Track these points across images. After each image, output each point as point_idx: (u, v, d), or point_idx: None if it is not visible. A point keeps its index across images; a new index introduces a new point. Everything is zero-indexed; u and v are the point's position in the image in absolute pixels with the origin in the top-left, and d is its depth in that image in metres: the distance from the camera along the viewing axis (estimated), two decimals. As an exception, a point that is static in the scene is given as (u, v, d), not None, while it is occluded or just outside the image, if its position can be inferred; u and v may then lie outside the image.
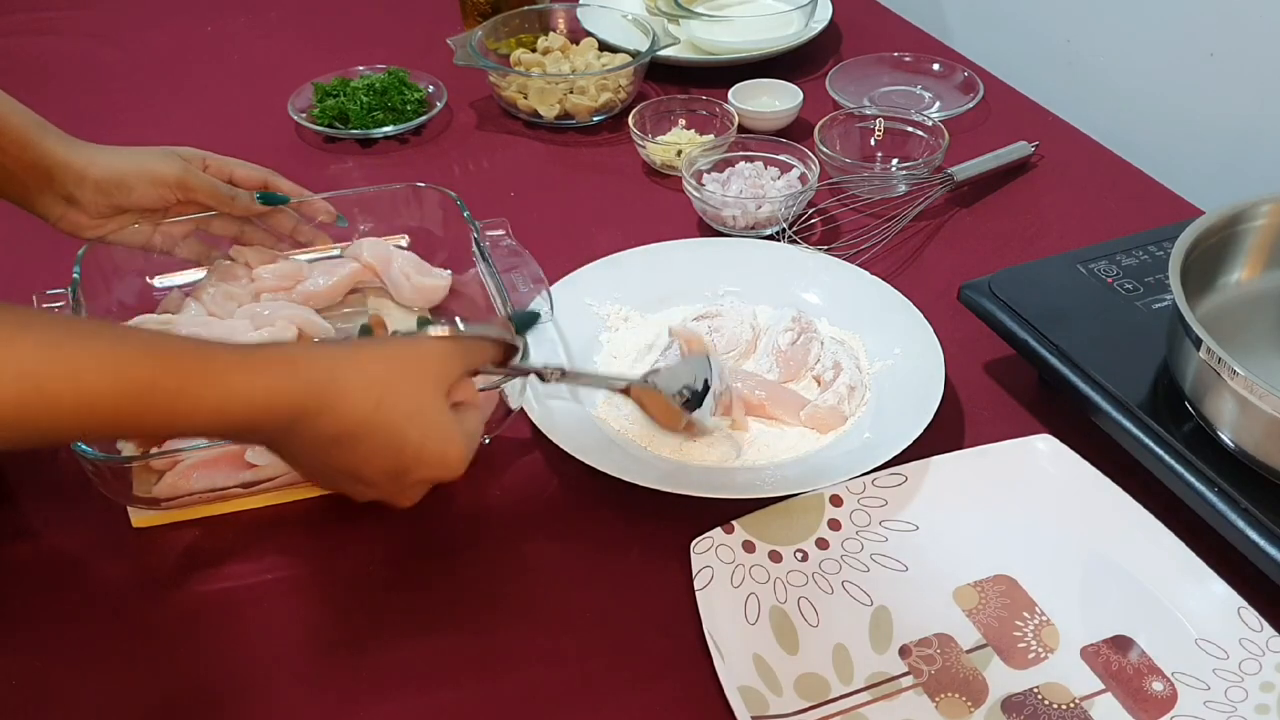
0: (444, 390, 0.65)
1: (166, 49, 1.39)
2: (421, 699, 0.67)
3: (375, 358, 0.63)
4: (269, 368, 0.59)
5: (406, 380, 0.63)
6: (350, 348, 0.65)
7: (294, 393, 0.59)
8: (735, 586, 0.71)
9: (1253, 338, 0.79)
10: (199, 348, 0.59)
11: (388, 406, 0.62)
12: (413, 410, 0.63)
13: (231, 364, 0.58)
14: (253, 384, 0.58)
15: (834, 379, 0.85)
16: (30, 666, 0.69)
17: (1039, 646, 0.69)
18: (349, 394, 0.61)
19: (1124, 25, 1.22)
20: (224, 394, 0.58)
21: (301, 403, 0.60)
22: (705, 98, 1.18)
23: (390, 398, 0.62)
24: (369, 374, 0.62)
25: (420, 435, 0.63)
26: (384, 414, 0.62)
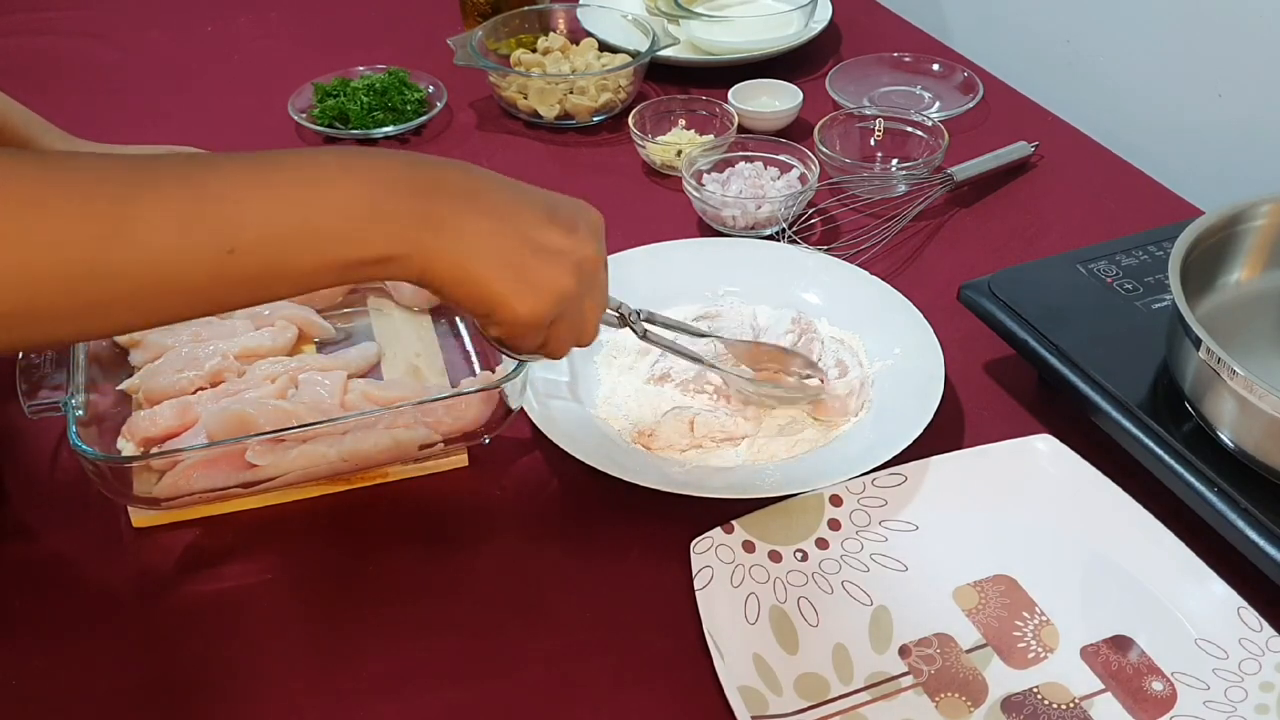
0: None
1: (166, 49, 1.39)
2: (421, 699, 0.67)
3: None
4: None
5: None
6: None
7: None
8: (735, 586, 0.71)
9: (1253, 338, 0.79)
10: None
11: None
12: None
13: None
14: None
15: (836, 378, 0.85)
16: (30, 666, 0.69)
17: (1039, 646, 0.69)
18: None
19: (1124, 26, 1.22)
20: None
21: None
22: (705, 98, 1.18)
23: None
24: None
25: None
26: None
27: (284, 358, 0.84)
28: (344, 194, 0.56)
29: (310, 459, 0.75)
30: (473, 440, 0.79)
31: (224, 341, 0.84)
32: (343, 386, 0.81)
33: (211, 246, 0.53)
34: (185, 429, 0.78)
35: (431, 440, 0.77)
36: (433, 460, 0.80)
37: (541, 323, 0.62)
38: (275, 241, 0.54)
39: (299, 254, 0.55)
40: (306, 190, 0.56)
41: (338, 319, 0.91)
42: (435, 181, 0.59)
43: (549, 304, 0.61)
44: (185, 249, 0.52)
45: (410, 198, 0.57)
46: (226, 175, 0.55)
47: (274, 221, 0.54)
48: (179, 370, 0.81)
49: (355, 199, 0.56)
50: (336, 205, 0.56)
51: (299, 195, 0.56)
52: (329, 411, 0.77)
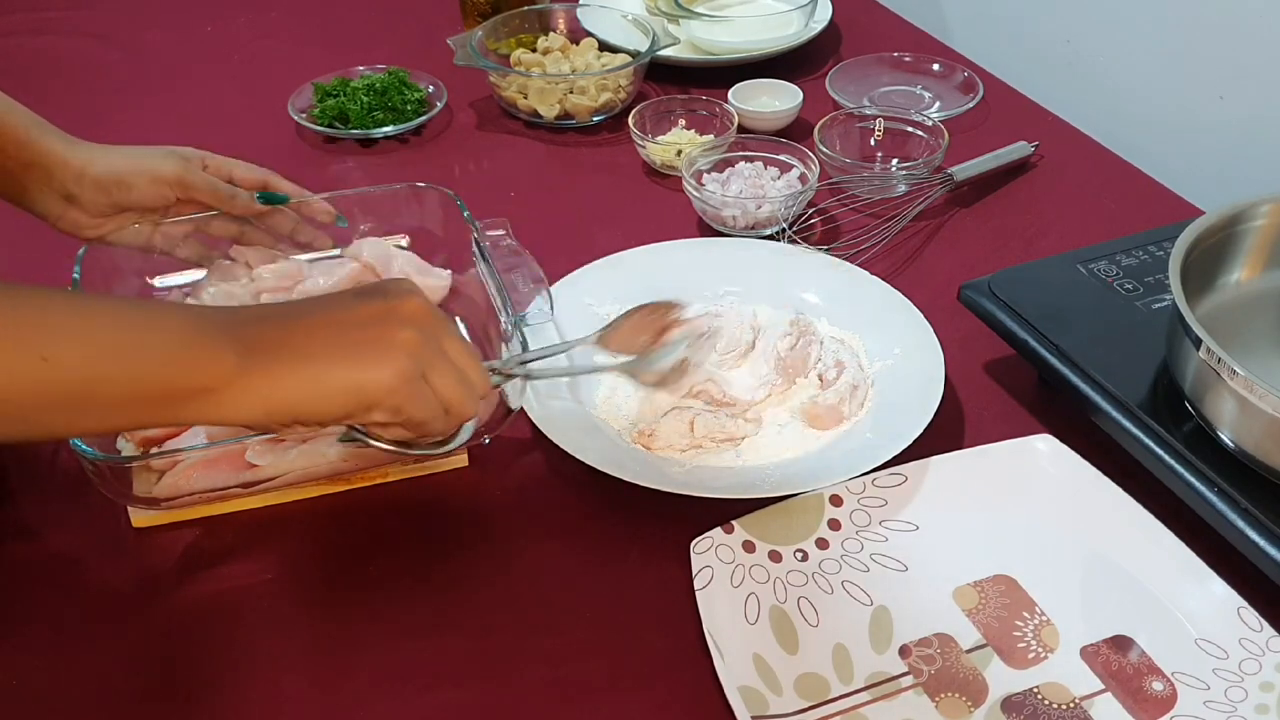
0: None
1: (166, 49, 1.39)
2: (421, 699, 0.67)
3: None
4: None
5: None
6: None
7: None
8: (735, 586, 0.71)
9: (1253, 338, 0.79)
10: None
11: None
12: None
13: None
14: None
15: (837, 377, 0.85)
16: (30, 666, 0.69)
17: (1039, 646, 0.69)
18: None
19: (1124, 25, 1.22)
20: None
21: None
22: (705, 98, 1.18)
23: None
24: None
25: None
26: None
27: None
28: (167, 324, 0.56)
29: (310, 459, 0.75)
30: (473, 440, 0.79)
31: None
32: (343, 386, 0.81)
33: (21, 354, 0.52)
34: (185, 429, 0.78)
35: (431, 440, 0.77)
36: (432, 461, 0.80)
37: (411, 377, 0.60)
38: (90, 358, 0.54)
39: (117, 377, 0.54)
40: (129, 315, 0.56)
41: (338, 319, 0.91)
42: (256, 313, 0.60)
43: (403, 356, 0.60)
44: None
45: (233, 328, 0.57)
46: (43, 294, 0.55)
47: (91, 338, 0.54)
48: (179, 370, 0.81)
49: (181, 328, 0.56)
50: (159, 332, 0.56)
51: (120, 320, 0.56)
52: (329, 411, 0.77)
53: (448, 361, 0.62)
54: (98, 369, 0.54)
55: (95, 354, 0.54)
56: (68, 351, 0.53)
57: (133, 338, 0.55)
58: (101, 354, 0.54)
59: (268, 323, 0.59)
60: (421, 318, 0.62)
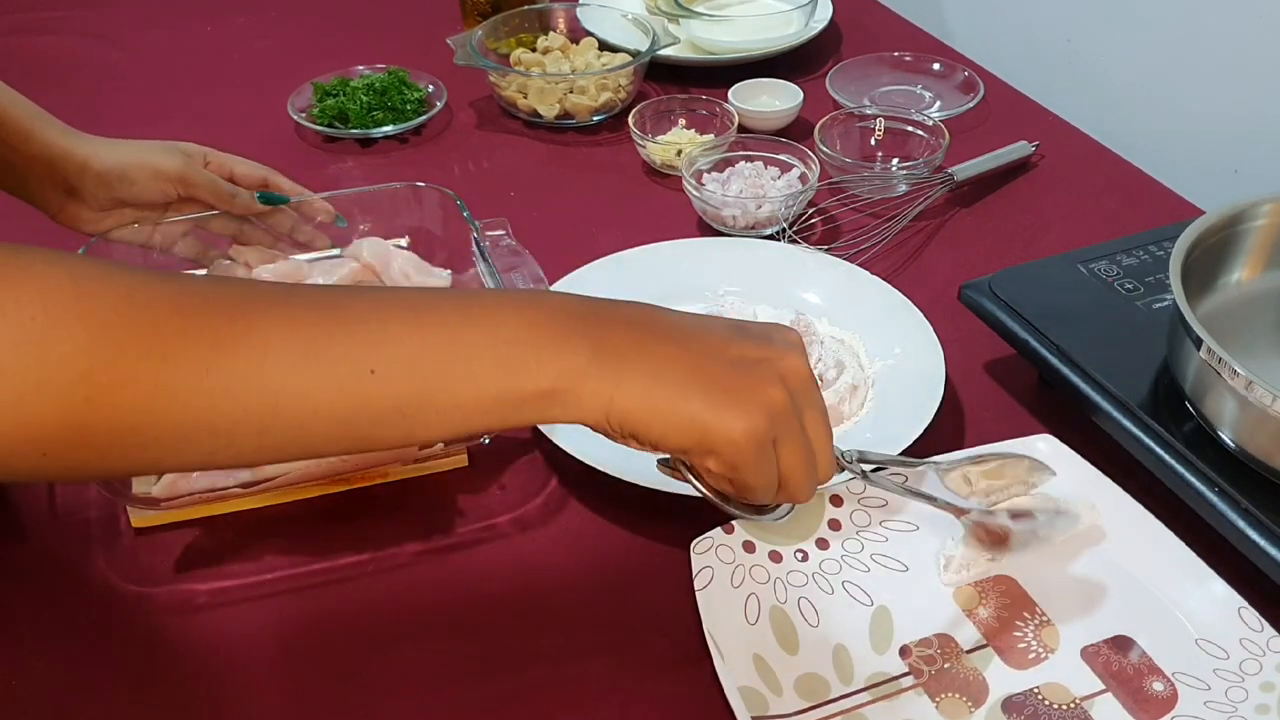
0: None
1: (166, 49, 1.39)
2: (421, 699, 0.67)
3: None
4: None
5: None
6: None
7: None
8: (735, 586, 0.71)
9: (1253, 338, 0.79)
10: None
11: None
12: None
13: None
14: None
15: (836, 378, 0.85)
16: (29, 666, 0.69)
17: (1039, 646, 0.69)
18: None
19: (1124, 25, 1.22)
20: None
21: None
22: (705, 98, 1.18)
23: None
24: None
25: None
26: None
27: (284, 358, 0.84)
28: (504, 319, 0.51)
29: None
30: (473, 440, 0.79)
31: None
32: (343, 386, 0.81)
33: (348, 366, 0.49)
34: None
35: (432, 440, 0.77)
36: (433, 460, 0.80)
37: (762, 440, 0.54)
38: (423, 365, 0.50)
39: (452, 382, 0.50)
40: (460, 313, 0.52)
41: (338, 319, 0.91)
42: (607, 311, 0.54)
43: (762, 415, 0.53)
44: (316, 371, 0.49)
45: (582, 325, 0.52)
46: (364, 299, 0.52)
47: (422, 344, 0.50)
48: (179, 370, 0.81)
49: (518, 324, 0.51)
50: (495, 330, 0.51)
51: (450, 317, 0.51)
52: (329, 411, 0.77)
53: (804, 438, 0.56)
54: (431, 382, 0.50)
55: (427, 367, 0.50)
56: (397, 366, 0.50)
57: (468, 341, 0.51)
58: (435, 367, 0.50)
59: (624, 326, 0.54)
60: (795, 380, 0.56)
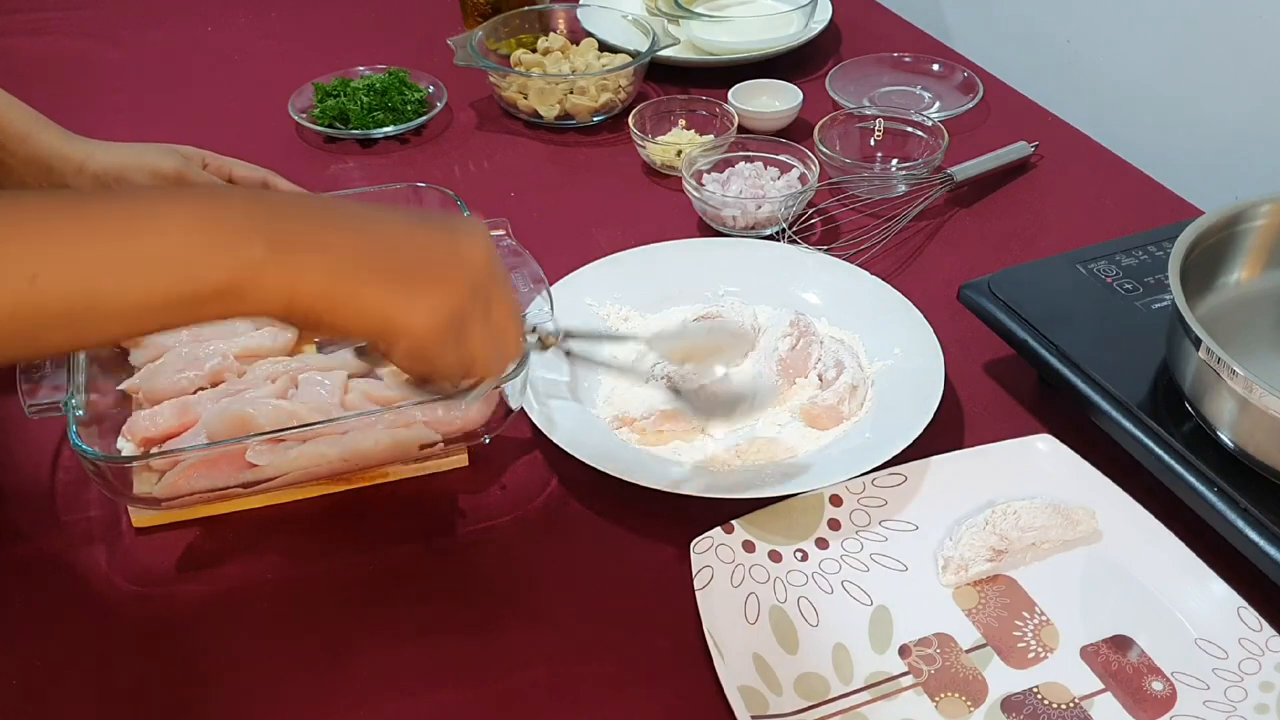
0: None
1: (166, 49, 1.39)
2: (421, 699, 0.67)
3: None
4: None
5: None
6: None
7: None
8: (735, 586, 0.71)
9: (1253, 338, 0.79)
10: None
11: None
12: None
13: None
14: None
15: (836, 378, 0.85)
16: (30, 666, 0.69)
17: (1039, 646, 0.69)
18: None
19: (1124, 25, 1.22)
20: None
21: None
22: (705, 98, 1.18)
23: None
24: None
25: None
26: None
27: (284, 358, 0.84)
28: (174, 218, 0.49)
29: (310, 459, 0.75)
30: (473, 440, 0.79)
31: (224, 341, 0.84)
32: (343, 386, 0.81)
33: (12, 275, 0.46)
34: (185, 429, 0.78)
35: (431, 440, 0.77)
36: (433, 460, 0.80)
37: (444, 329, 0.54)
38: (88, 268, 0.48)
39: (120, 285, 0.48)
40: (127, 214, 0.49)
41: (338, 319, 0.91)
42: (282, 204, 0.53)
43: (444, 304, 0.54)
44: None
45: (256, 218, 0.51)
46: (31, 200, 0.50)
47: (86, 247, 0.48)
48: (179, 370, 0.81)
49: (189, 220, 0.49)
50: (165, 227, 0.49)
51: (118, 220, 0.49)
52: (329, 411, 0.77)
53: (490, 322, 0.57)
54: (96, 283, 0.48)
55: (92, 269, 0.48)
56: (59, 270, 0.47)
57: (137, 240, 0.49)
58: (101, 268, 0.48)
59: (301, 218, 0.53)
60: (481, 266, 0.56)
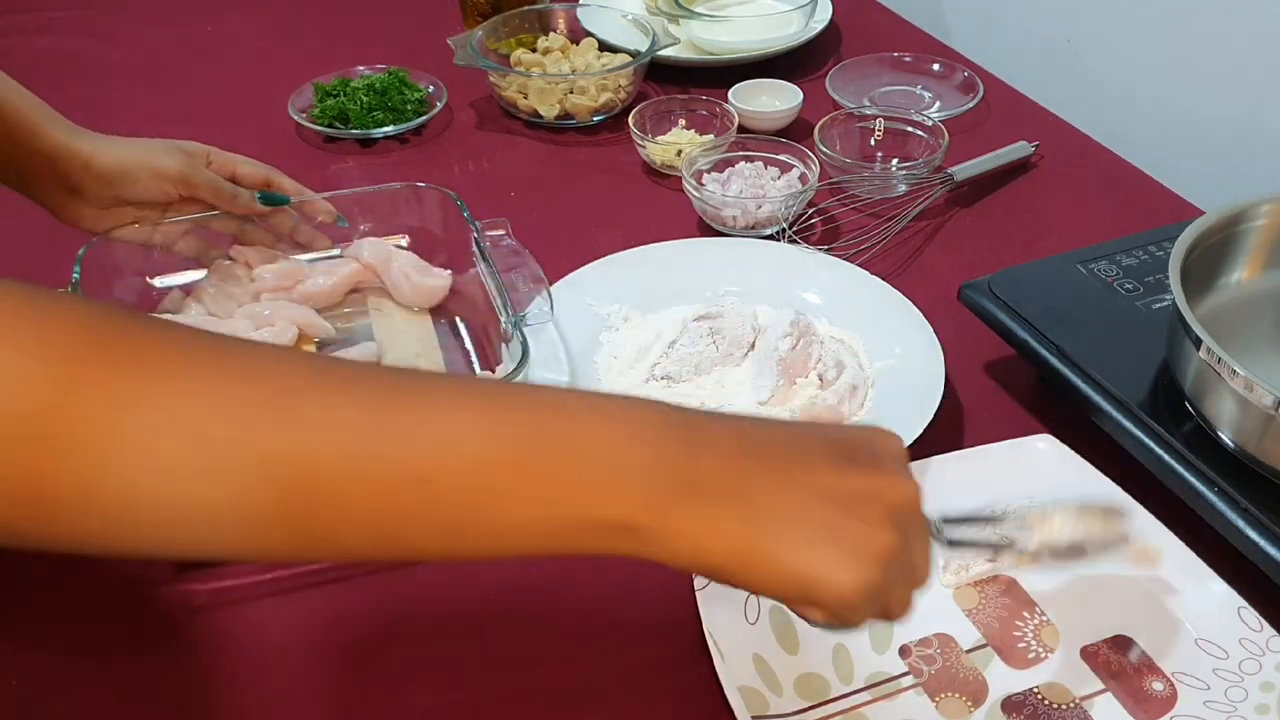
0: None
1: (166, 49, 1.39)
2: (422, 699, 0.67)
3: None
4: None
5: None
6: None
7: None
8: (735, 586, 0.70)
9: (1253, 338, 0.79)
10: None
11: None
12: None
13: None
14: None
15: (836, 378, 0.85)
16: (30, 665, 0.69)
17: (1039, 646, 0.69)
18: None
19: (1124, 25, 1.22)
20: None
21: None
22: (705, 98, 1.18)
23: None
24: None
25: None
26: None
27: (284, 358, 0.84)
28: (586, 434, 0.44)
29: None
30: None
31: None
32: (343, 386, 0.81)
33: (400, 468, 0.42)
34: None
35: (432, 440, 0.77)
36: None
37: (874, 595, 0.48)
38: (483, 480, 0.42)
39: (512, 502, 0.43)
40: (534, 420, 0.44)
41: (338, 319, 0.91)
42: (704, 432, 0.46)
43: (877, 569, 0.47)
44: (360, 468, 0.42)
45: (675, 450, 0.45)
46: (428, 384, 0.45)
47: (487, 455, 0.43)
48: (179, 370, 0.81)
49: (600, 442, 0.44)
50: (573, 446, 0.44)
51: (524, 425, 0.44)
52: (329, 411, 0.77)
53: (913, 574, 0.50)
54: (488, 498, 0.43)
55: (488, 480, 0.43)
56: (455, 476, 0.42)
57: (539, 456, 0.43)
58: (497, 479, 0.43)
59: (722, 453, 0.47)
60: (908, 511, 0.50)
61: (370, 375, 0.45)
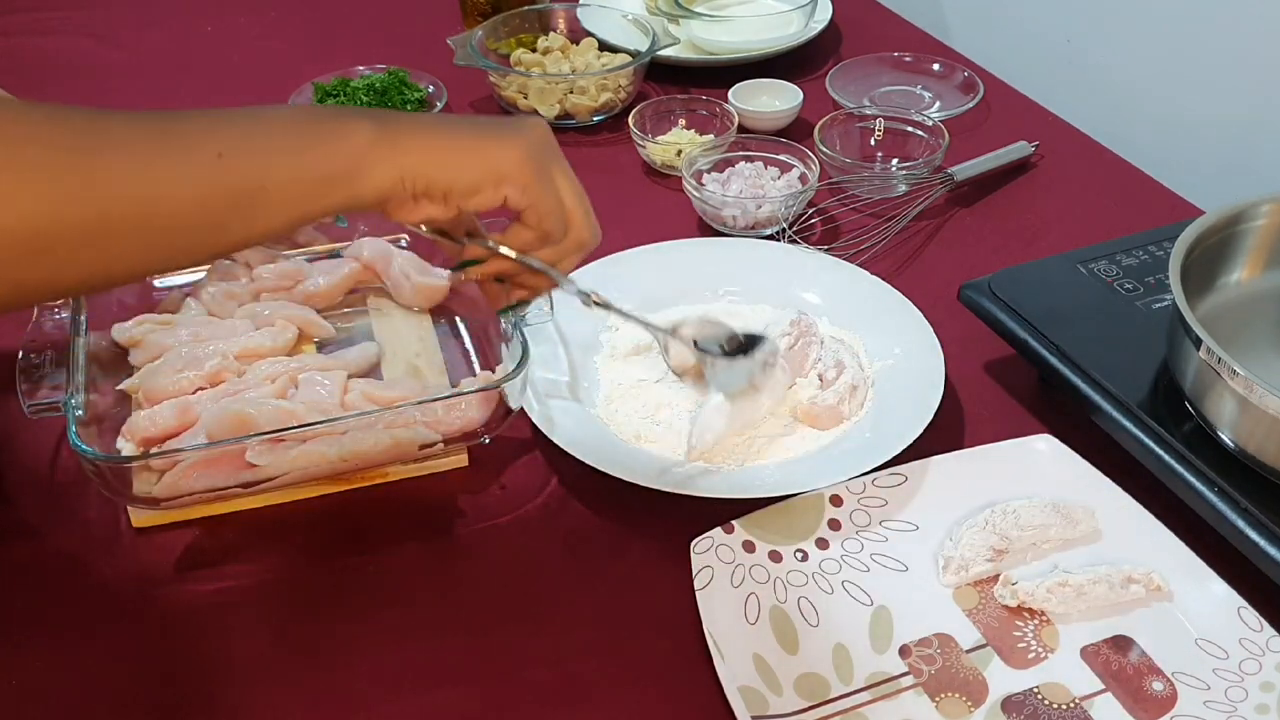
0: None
1: (166, 49, 1.39)
2: (421, 699, 0.67)
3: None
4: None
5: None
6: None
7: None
8: (735, 586, 0.71)
9: (1253, 338, 0.79)
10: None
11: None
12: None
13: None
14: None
15: (836, 378, 0.85)
16: (30, 666, 0.69)
17: (1039, 646, 0.69)
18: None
19: (1124, 25, 1.22)
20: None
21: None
22: (705, 98, 1.18)
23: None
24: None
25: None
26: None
27: (284, 358, 0.84)
28: (307, 115, 0.61)
29: (310, 459, 0.75)
30: (473, 440, 0.79)
31: (224, 341, 0.84)
32: (343, 386, 0.81)
33: (199, 153, 0.54)
34: (185, 429, 0.78)
35: (431, 440, 0.77)
36: (433, 460, 0.80)
37: (538, 160, 0.62)
38: (258, 144, 0.57)
39: (282, 162, 0.57)
40: (277, 110, 0.60)
41: (338, 319, 0.91)
42: (381, 111, 0.63)
43: (527, 143, 0.62)
44: (171, 162, 0.54)
45: (363, 112, 0.61)
46: (217, 111, 0.58)
47: (257, 131, 0.57)
48: (179, 370, 0.81)
49: (316, 115, 0.60)
50: (299, 122, 0.59)
51: (273, 113, 0.60)
52: (329, 411, 0.77)
53: (567, 174, 0.65)
54: (268, 161, 0.57)
55: (262, 144, 0.57)
56: (239, 144, 0.56)
57: (283, 130, 0.58)
58: (267, 144, 0.57)
59: (402, 118, 0.62)
60: (541, 132, 0.64)
61: (147, 114, 0.57)
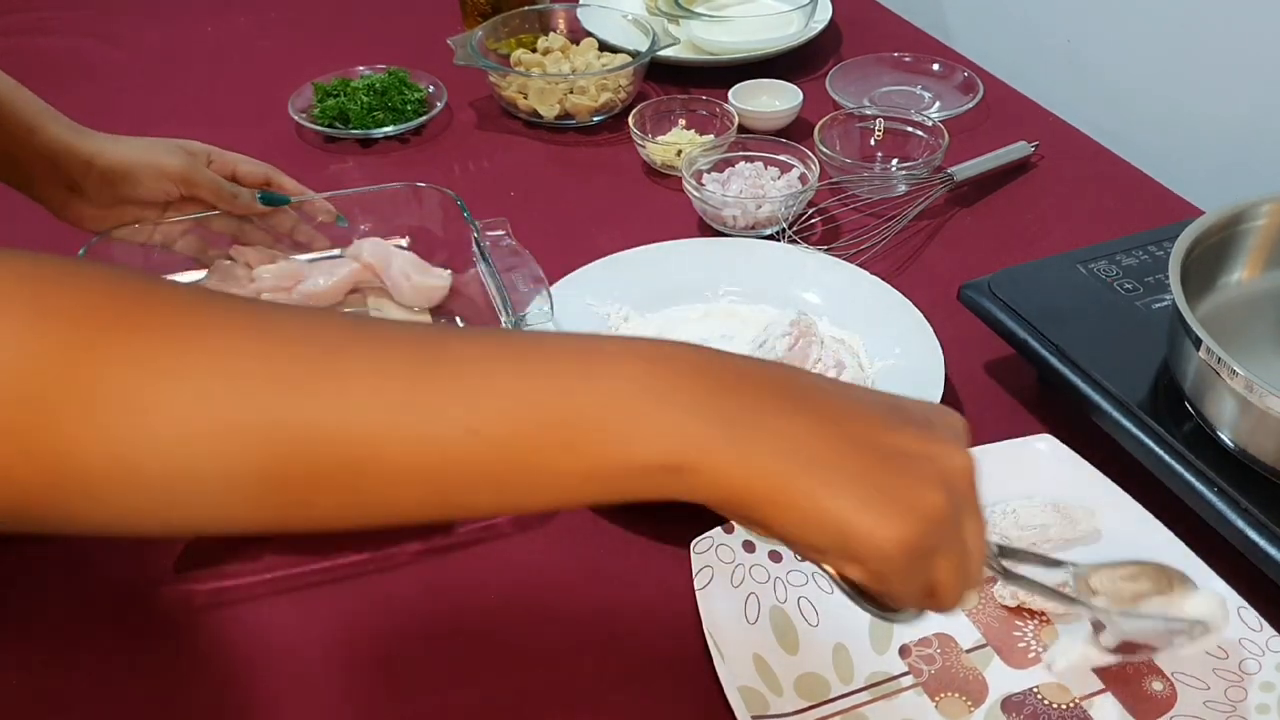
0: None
1: (166, 49, 1.39)
2: (421, 699, 0.67)
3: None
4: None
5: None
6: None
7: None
8: (735, 586, 0.71)
9: (1253, 338, 0.79)
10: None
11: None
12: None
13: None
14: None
15: (837, 377, 0.85)
16: (30, 666, 0.69)
17: (1039, 646, 0.69)
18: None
19: (1124, 25, 1.22)
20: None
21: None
22: (705, 98, 1.18)
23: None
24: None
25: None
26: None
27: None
28: (624, 375, 0.44)
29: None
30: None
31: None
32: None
33: (446, 423, 0.42)
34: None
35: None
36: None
37: (915, 552, 0.44)
38: (528, 426, 0.43)
39: (558, 449, 0.43)
40: (576, 364, 0.44)
41: (338, 319, 0.91)
42: (743, 371, 0.46)
43: (919, 525, 0.44)
44: (408, 423, 0.42)
45: (713, 387, 0.44)
46: (465, 340, 0.45)
47: (530, 401, 0.43)
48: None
49: (639, 382, 0.43)
50: (613, 389, 0.43)
51: (564, 369, 0.44)
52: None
53: (962, 547, 0.47)
54: (535, 443, 0.43)
55: (533, 426, 0.43)
56: (501, 424, 0.43)
57: (581, 400, 0.43)
58: (542, 425, 0.43)
59: (762, 390, 0.45)
60: (961, 481, 0.47)
61: (406, 335, 0.45)
